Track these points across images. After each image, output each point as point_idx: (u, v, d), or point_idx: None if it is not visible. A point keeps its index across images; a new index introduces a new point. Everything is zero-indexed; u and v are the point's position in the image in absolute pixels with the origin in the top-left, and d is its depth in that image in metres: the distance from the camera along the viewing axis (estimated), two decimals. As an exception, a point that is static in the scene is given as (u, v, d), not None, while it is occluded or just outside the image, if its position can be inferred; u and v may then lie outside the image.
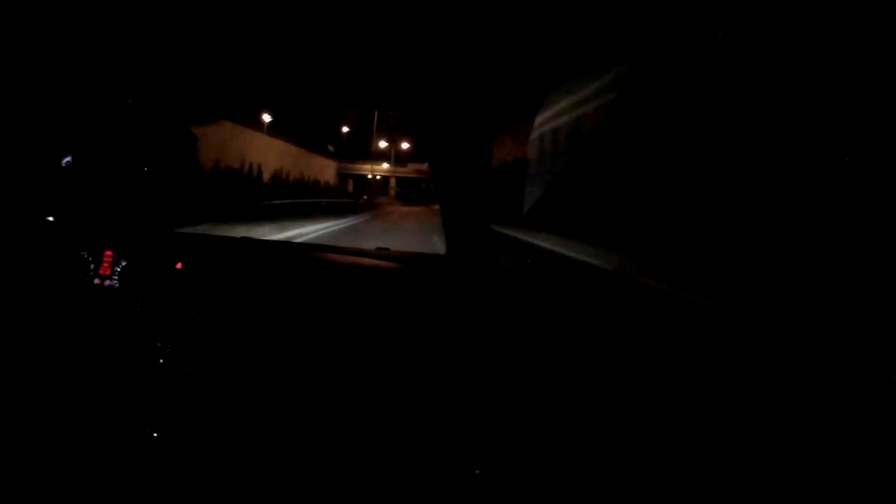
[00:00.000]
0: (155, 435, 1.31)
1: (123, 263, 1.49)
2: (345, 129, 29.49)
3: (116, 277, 1.48)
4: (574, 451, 1.27)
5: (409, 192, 35.21)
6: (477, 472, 1.12)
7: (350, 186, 33.04)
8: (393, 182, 37.08)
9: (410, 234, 11.57)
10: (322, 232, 10.40)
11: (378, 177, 36.14)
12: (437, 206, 1.45)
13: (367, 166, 34.02)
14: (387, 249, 1.64)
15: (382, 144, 32.22)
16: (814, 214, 1.49)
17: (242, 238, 1.69)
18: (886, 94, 1.18)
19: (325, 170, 27.22)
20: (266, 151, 16.70)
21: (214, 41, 0.82)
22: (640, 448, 1.35)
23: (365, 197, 29.10)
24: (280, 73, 0.89)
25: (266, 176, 17.01)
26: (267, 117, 16.13)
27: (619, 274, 2.42)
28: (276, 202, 13.70)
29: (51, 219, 1.49)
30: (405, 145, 31.16)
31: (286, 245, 1.77)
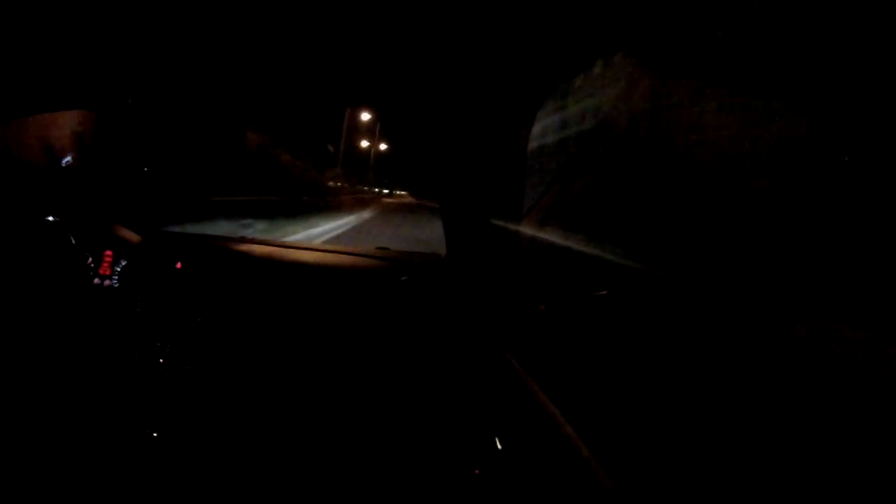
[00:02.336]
0: (154, 434, 1.32)
1: (123, 263, 1.49)
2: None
3: (116, 277, 1.48)
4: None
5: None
6: (477, 472, 1.13)
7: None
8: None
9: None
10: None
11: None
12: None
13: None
14: (387, 249, 1.64)
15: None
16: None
17: (240, 238, 1.69)
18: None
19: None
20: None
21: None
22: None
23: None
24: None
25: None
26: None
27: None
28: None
29: (51, 219, 1.49)
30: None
31: (286, 244, 1.77)
